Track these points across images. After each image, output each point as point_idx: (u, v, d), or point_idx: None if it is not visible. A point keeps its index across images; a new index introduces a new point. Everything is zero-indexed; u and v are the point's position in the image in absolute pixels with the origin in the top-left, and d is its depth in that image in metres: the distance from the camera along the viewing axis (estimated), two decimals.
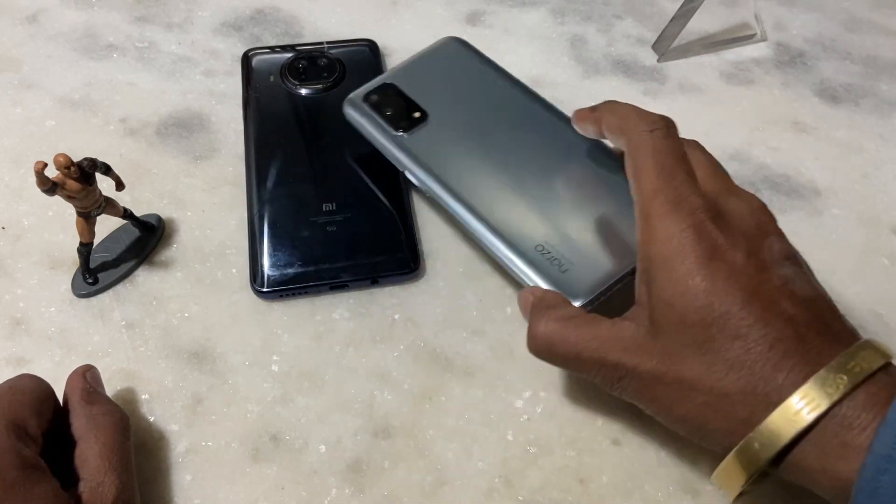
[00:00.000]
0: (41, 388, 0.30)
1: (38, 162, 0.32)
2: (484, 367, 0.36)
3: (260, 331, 0.37)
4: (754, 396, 0.26)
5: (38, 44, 0.50)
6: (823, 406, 0.25)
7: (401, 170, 0.39)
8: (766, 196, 0.43)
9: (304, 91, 0.46)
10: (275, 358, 0.36)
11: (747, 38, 0.52)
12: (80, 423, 0.30)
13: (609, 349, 0.29)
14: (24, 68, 0.48)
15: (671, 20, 0.50)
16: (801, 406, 0.25)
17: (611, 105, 0.35)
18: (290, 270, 0.38)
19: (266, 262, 0.38)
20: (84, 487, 0.28)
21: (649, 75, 0.49)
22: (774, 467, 0.26)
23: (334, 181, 0.42)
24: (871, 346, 0.26)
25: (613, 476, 0.33)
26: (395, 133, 0.39)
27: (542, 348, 0.31)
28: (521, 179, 0.37)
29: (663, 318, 0.28)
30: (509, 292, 0.39)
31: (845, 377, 0.25)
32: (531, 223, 0.36)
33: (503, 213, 0.36)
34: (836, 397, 0.25)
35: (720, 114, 0.48)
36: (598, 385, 0.30)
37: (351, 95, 0.42)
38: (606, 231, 0.35)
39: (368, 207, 0.41)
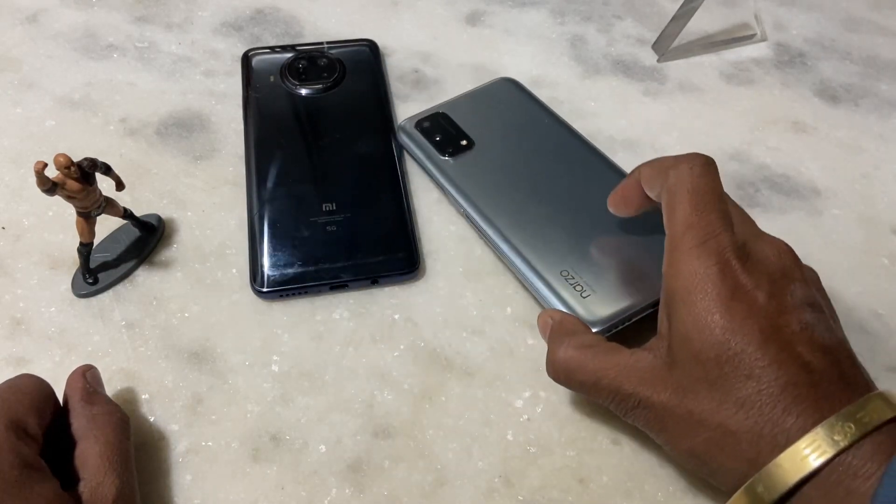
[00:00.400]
0: (41, 388, 0.30)
1: (38, 162, 0.32)
2: (484, 367, 0.36)
3: (260, 331, 0.37)
4: (761, 437, 0.26)
5: (38, 44, 0.50)
6: (830, 453, 0.25)
7: (442, 191, 0.42)
8: (765, 196, 0.43)
9: (304, 91, 0.46)
10: (275, 358, 0.36)
11: (747, 38, 0.52)
12: (80, 424, 0.30)
13: (626, 379, 0.30)
14: (24, 68, 0.48)
15: (671, 20, 0.50)
16: (808, 452, 0.25)
17: (645, 163, 0.35)
18: (290, 270, 0.38)
19: (266, 262, 0.38)
20: (84, 487, 0.28)
21: (649, 75, 0.50)
22: None
23: (334, 181, 0.42)
24: (882, 397, 0.26)
25: (613, 476, 0.33)
26: (441, 157, 0.42)
27: (560, 374, 0.32)
28: (554, 208, 0.39)
29: (680, 351, 0.29)
30: (509, 292, 0.39)
31: (853, 426, 0.25)
32: (559, 249, 0.38)
33: (532, 237, 0.38)
34: (843, 445, 0.25)
35: (720, 114, 0.48)
36: (611, 410, 0.31)
37: (403, 122, 0.45)
38: (631, 264, 0.37)
39: (368, 207, 0.41)
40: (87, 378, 0.32)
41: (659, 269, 0.32)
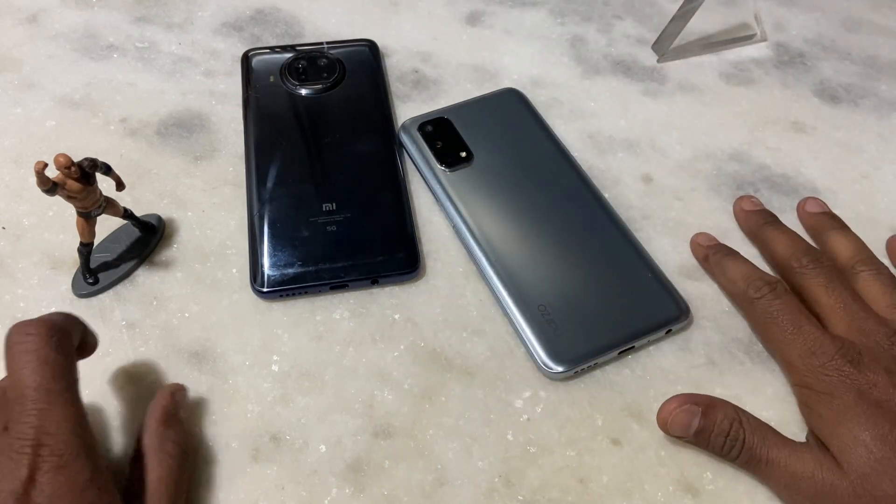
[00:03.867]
0: (66, 339, 0.30)
1: (38, 162, 0.32)
2: (484, 367, 0.36)
3: (260, 331, 0.37)
4: None
5: (38, 44, 0.50)
6: None
7: (436, 198, 0.42)
8: (765, 196, 0.43)
9: (303, 91, 0.46)
10: (275, 358, 0.36)
11: (747, 39, 0.52)
12: (151, 442, 0.31)
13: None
14: (25, 68, 0.48)
15: (671, 20, 0.50)
16: None
17: (723, 262, 0.38)
18: (290, 270, 0.38)
19: (266, 262, 0.38)
20: None
21: (649, 75, 0.50)
22: None
23: (334, 181, 0.42)
24: None
25: (613, 476, 0.33)
26: (438, 167, 0.42)
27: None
28: (542, 240, 0.39)
29: (845, 454, 0.30)
30: None
31: None
32: (540, 282, 0.38)
33: (516, 266, 0.38)
34: None
35: (720, 114, 0.48)
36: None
37: (406, 121, 0.45)
38: (607, 308, 0.37)
39: (368, 207, 0.41)
40: (175, 398, 0.33)
41: (633, 317, 0.36)
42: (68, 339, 0.29)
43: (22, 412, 0.26)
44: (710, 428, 0.32)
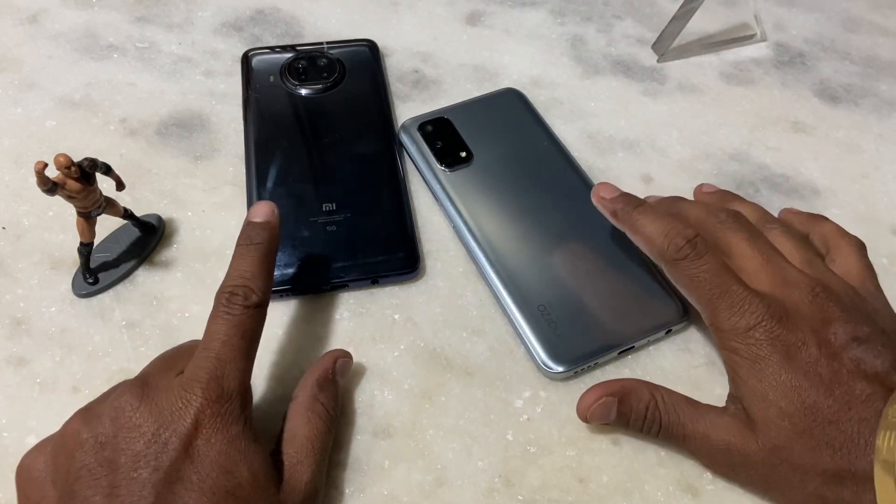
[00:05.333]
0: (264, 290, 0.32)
1: (38, 162, 0.32)
2: (484, 367, 0.36)
3: None
4: (862, 477, 0.28)
5: (38, 44, 0.50)
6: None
7: (435, 198, 0.42)
8: (765, 196, 0.43)
9: (303, 91, 0.46)
10: (274, 358, 0.36)
11: (747, 39, 0.52)
12: (303, 400, 0.32)
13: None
14: (25, 68, 0.48)
15: (671, 20, 0.50)
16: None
17: (632, 216, 0.36)
18: (290, 270, 0.38)
19: None
20: (286, 461, 0.30)
21: (649, 75, 0.50)
22: None
23: (334, 181, 0.42)
24: None
25: (613, 476, 0.33)
26: (438, 167, 0.42)
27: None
28: (542, 240, 0.39)
29: (761, 413, 0.31)
30: None
31: None
32: (540, 282, 0.38)
33: (516, 266, 0.38)
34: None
35: (720, 114, 0.48)
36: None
37: (406, 121, 0.45)
38: (607, 308, 0.37)
39: (368, 207, 0.41)
40: (337, 365, 0.34)
41: (633, 317, 0.36)
42: (263, 310, 0.32)
43: (203, 358, 0.29)
44: (628, 414, 0.33)
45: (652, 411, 0.33)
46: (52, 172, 0.33)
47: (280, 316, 0.38)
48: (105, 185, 0.36)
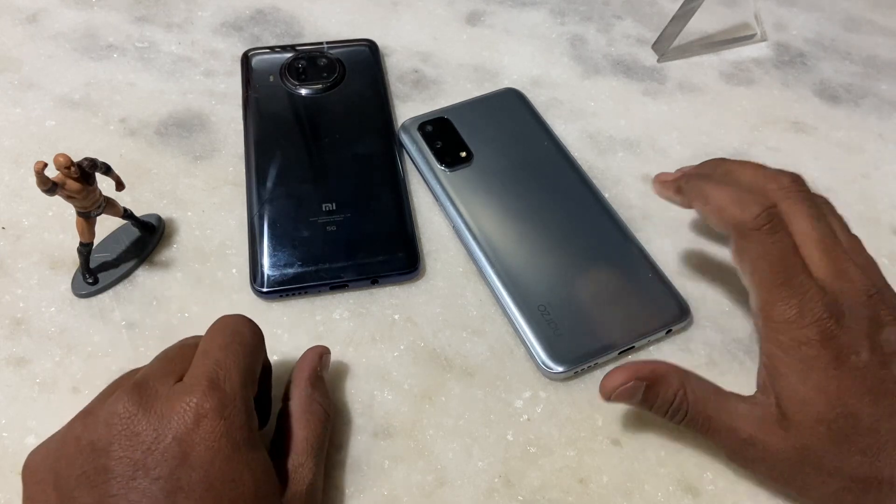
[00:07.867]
0: (257, 333, 0.31)
1: (38, 162, 0.32)
2: (484, 367, 0.36)
3: None
4: (888, 485, 0.28)
5: (38, 44, 0.50)
6: None
7: (435, 198, 0.42)
8: None
9: (303, 91, 0.46)
10: (275, 358, 0.36)
11: (747, 38, 0.52)
12: (298, 402, 0.32)
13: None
14: (25, 68, 0.48)
15: (671, 20, 0.50)
16: None
17: (700, 186, 0.33)
18: (290, 270, 0.38)
19: (266, 262, 0.38)
20: (288, 464, 0.30)
21: (649, 75, 0.50)
22: None
23: (334, 181, 0.42)
24: None
25: (613, 476, 0.33)
26: (438, 166, 0.42)
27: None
28: (542, 240, 0.39)
29: (798, 413, 0.29)
30: None
31: None
32: (540, 283, 0.38)
33: (516, 266, 0.38)
34: None
35: (720, 114, 0.48)
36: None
37: (406, 121, 0.45)
38: (607, 309, 0.37)
39: (368, 207, 0.41)
40: (322, 361, 0.34)
41: (634, 317, 0.36)
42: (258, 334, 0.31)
43: (203, 361, 0.29)
44: (654, 399, 0.31)
45: (679, 400, 0.31)
46: (52, 172, 0.33)
47: (280, 316, 0.38)
48: (105, 185, 0.36)
